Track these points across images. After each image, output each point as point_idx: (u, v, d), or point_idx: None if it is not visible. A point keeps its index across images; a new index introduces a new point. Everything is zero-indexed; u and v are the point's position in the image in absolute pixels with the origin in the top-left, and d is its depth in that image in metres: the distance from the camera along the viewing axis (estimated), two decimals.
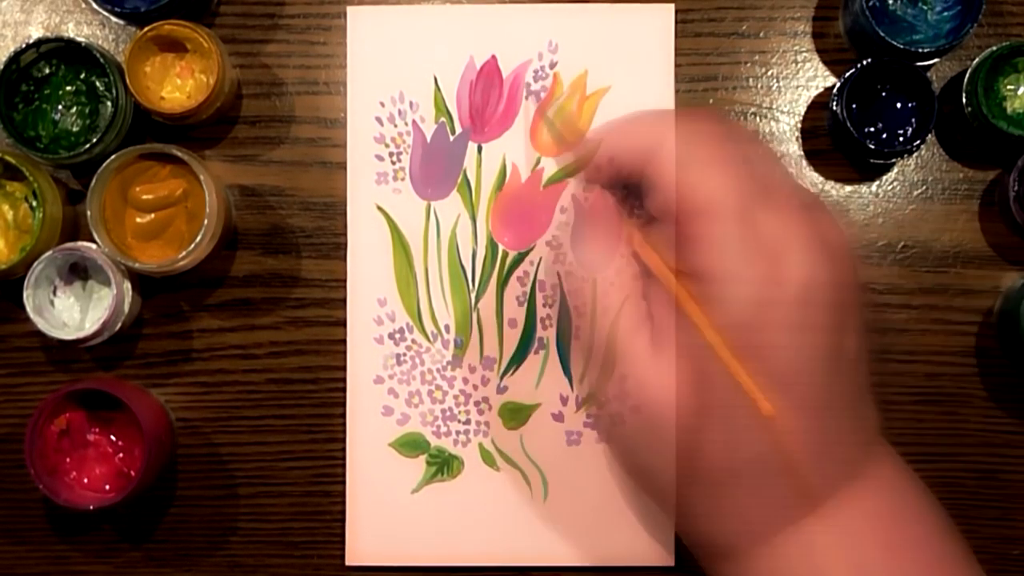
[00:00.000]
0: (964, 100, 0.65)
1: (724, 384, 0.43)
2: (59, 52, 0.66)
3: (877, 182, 0.68)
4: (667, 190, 0.44)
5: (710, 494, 0.45)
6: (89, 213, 0.63)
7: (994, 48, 0.64)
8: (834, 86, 0.66)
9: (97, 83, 0.66)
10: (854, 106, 0.66)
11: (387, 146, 0.68)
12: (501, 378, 0.68)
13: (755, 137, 0.47)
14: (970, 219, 0.68)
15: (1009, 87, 0.66)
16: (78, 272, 0.66)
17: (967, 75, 0.65)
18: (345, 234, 0.68)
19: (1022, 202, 0.65)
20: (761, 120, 0.68)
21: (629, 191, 0.48)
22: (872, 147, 0.64)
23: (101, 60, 0.64)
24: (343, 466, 0.68)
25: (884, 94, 0.67)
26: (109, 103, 0.66)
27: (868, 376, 0.48)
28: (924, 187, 0.68)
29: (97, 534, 0.69)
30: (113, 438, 0.66)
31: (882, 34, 0.63)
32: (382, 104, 0.68)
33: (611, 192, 0.48)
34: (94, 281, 0.66)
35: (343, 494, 0.68)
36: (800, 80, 0.69)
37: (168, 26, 0.64)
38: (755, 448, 0.43)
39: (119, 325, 0.65)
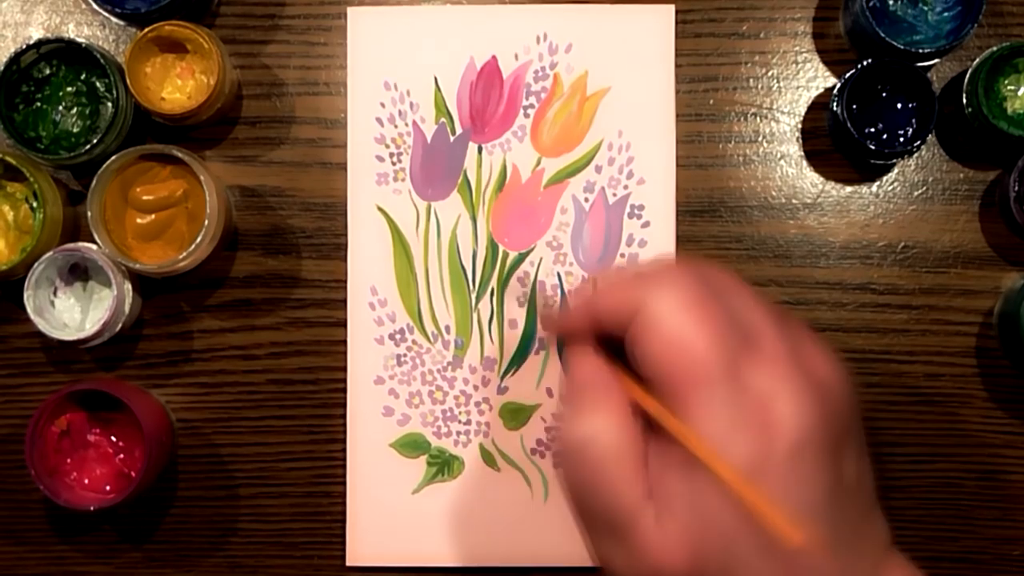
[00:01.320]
0: (964, 100, 0.65)
1: (731, 529, 0.42)
2: (59, 53, 0.66)
3: (877, 183, 0.68)
4: (650, 355, 0.43)
5: None
6: (90, 214, 0.63)
7: (994, 48, 0.64)
8: (834, 87, 0.66)
9: (97, 84, 0.66)
10: (854, 107, 0.66)
11: (387, 147, 0.68)
12: (502, 379, 0.68)
13: (735, 280, 0.46)
14: (970, 220, 0.68)
15: (1009, 87, 0.66)
16: (78, 273, 0.66)
17: (967, 75, 0.65)
18: (345, 235, 0.68)
19: (1022, 203, 0.65)
20: (761, 120, 0.68)
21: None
22: (872, 148, 0.64)
23: (101, 61, 0.64)
24: (343, 467, 0.68)
25: (884, 95, 0.66)
26: (109, 104, 0.66)
27: (872, 492, 0.47)
28: (924, 188, 0.68)
29: (97, 535, 0.69)
30: (113, 439, 0.66)
31: (882, 35, 0.63)
32: (382, 105, 0.68)
33: (601, 348, 0.48)
34: (94, 282, 0.66)
35: (343, 495, 0.68)
36: (800, 81, 0.69)
37: (168, 27, 0.64)
38: None
39: (119, 326, 0.65)
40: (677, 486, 0.42)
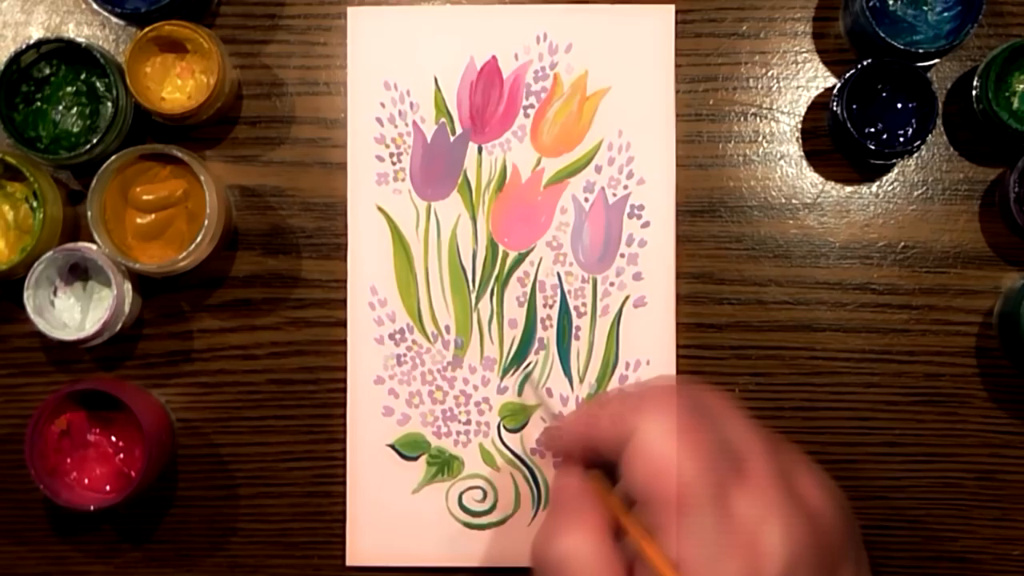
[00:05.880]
0: (976, 86, 0.64)
1: None
2: (59, 53, 0.66)
3: (877, 183, 0.68)
4: (638, 481, 0.44)
5: None
6: (90, 213, 0.63)
7: (1015, 41, 0.64)
8: (834, 86, 0.66)
9: (97, 84, 0.66)
10: (854, 106, 0.66)
11: (387, 146, 0.68)
12: (501, 378, 0.68)
13: (729, 405, 0.46)
14: (970, 219, 0.68)
15: (1020, 86, 0.65)
16: (78, 272, 0.66)
17: (982, 65, 0.64)
18: (345, 234, 0.68)
19: (1022, 203, 0.65)
20: (761, 120, 0.68)
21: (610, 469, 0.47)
22: (872, 148, 0.64)
23: (101, 61, 0.64)
24: (344, 466, 0.68)
25: (884, 94, 0.67)
26: (109, 104, 0.66)
27: None
28: (924, 187, 0.68)
29: (97, 534, 0.69)
30: (113, 438, 0.66)
31: (882, 35, 0.63)
32: (382, 104, 0.68)
33: (597, 471, 0.47)
34: (94, 281, 0.66)
35: (344, 494, 0.68)
36: (800, 80, 0.69)
37: (168, 27, 0.64)
38: None
39: (119, 325, 0.65)
40: None
